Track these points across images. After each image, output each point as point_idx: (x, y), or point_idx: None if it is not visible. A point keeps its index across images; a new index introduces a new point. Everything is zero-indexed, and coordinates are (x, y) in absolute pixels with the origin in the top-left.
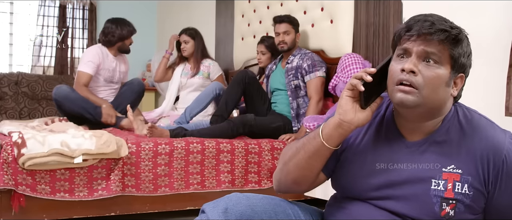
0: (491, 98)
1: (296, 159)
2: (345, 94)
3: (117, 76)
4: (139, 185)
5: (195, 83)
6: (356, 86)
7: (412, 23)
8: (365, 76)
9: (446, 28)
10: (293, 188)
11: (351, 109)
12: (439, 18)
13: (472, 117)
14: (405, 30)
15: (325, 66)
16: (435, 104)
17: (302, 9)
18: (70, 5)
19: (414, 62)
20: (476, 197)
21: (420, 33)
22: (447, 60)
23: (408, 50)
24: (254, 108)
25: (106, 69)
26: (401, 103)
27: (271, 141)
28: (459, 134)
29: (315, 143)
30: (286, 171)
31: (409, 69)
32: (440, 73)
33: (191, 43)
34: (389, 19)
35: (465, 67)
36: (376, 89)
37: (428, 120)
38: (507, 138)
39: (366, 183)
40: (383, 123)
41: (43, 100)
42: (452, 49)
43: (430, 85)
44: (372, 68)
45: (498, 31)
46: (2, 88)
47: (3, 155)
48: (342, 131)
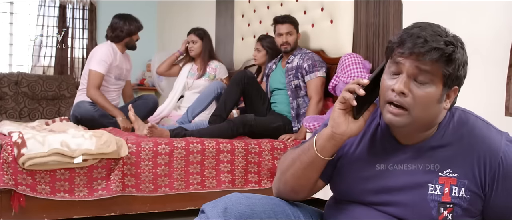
0: (491, 98)
1: (292, 170)
2: (337, 107)
3: (124, 74)
4: (139, 185)
5: (201, 85)
6: (349, 101)
7: (405, 38)
8: (358, 90)
9: (440, 46)
10: (292, 196)
11: (343, 122)
12: (433, 32)
13: (467, 119)
14: (397, 44)
15: (326, 66)
16: (427, 121)
17: (302, 9)
18: (70, 5)
19: (405, 81)
20: (473, 200)
21: (412, 51)
22: (440, 79)
23: (399, 67)
24: (254, 108)
25: (116, 67)
26: (390, 124)
27: (271, 141)
28: (455, 138)
29: (310, 155)
30: (284, 181)
31: (399, 91)
32: (431, 92)
33: (199, 44)
34: (389, 19)
35: (460, 80)
36: (369, 97)
37: (422, 132)
38: (503, 139)
39: (364, 189)
40: (378, 130)
41: (43, 100)
42: (445, 68)
43: (420, 105)
44: (365, 80)
45: (498, 31)
46: (2, 88)
47: (3, 155)
48: (335, 143)
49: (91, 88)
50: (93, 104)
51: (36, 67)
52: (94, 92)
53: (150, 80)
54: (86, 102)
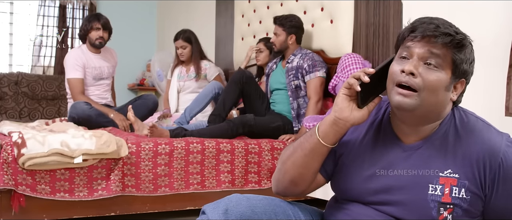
0: (491, 98)
1: (293, 158)
2: (342, 92)
3: (107, 72)
4: (139, 185)
5: (192, 85)
6: (353, 86)
7: (417, 25)
8: (363, 77)
9: (451, 32)
10: (291, 189)
11: (347, 107)
12: (445, 22)
13: (468, 120)
14: (409, 30)
15: (326, 66)
16: (434, 107)
17: (302, 9)
18: (70, 5)
19: (415, 64)
20: (473, 201)
21: (425, 34)
22: (449, 65)
23: (410, 51)
24: (253, 108)
25: (91, 67)
26: (399, 105)
27: (271, 141)
28: (456, 138)
29: (312, 141)
30: (284, 171)
31: (409, 71)
32: (440, 76)
33: (189, 48)
34: (389, 19)
35: (467, 74)
36: (374, 89)
37: (426, 123)
38: (504, 140)
39: (364, 188)
40: (381, 128)
41: (43, 100)
42: (455, 54)
43: (429, 88)
44: (371, 69)
45: (498, 31)
46: (2, 88)
47: (3, 155)
48: (337, 129)
49: (75, 96)
50: (88, 104)
51: (36, 67)
52: (80, 97)
53: (150, 80)
54: (81, 102)
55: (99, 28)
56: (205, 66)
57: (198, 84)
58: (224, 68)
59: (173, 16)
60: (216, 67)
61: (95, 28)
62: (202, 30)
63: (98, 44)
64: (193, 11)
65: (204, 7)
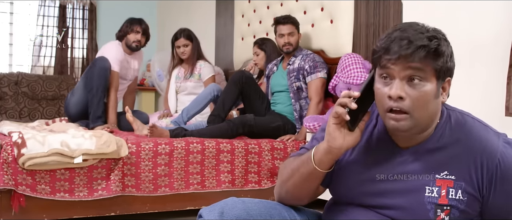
0: (491, 98)
1: (292, 180)
2: (331, 122)
3: (131, 74)
4: (139, 185)
5: (189, 86)
6: (342, 116)
7: (389, 44)
8: (350, 104)
9: (424, 43)
10: (295, 203)
11: (339, 136)
12: (415, 31)
13: (465, 121)
14: (383, 52)
15: (327, 67)
16: (428, 118)
17: (302, 9)
18: (70, 5)
19: (399, 86)
20: (470, 202)
21: (400, 54)
22: (432, 73)
23: (390, 72)
24: (252, 108)
25: (123, 66)
26: (395, 130)
27: (271, 141)
28: (452, 140)
29: (308, 168)
30: (285, 190)
31: (396, 96)
32: (427, 89)
33: (190, 46)
34: (389, 19)
35: (451, 71)
36: (361, 107)
37: (422, 132)
38: (501, 141)
39: (361, 192)
40: (375, 132)
41: (43, 100)
42: (434, 62)
43: (420, 105)
44: (355, 93)
45: (498, 31)
46: (2, 88)
47: (3, 155)
48: (332, 156)
49: (114, 90)
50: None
51: (36, 67)
52: (115, 94)
53: (150, 80)
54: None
55: (139, 31)
56: (200, 66)
57: (193, 85)
58: (224, 68)
59: (173, 16)
60: (213, 67)
61: (135, 31)
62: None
63: (135, 47)
64: (193, 11)
65: (204, 7)
